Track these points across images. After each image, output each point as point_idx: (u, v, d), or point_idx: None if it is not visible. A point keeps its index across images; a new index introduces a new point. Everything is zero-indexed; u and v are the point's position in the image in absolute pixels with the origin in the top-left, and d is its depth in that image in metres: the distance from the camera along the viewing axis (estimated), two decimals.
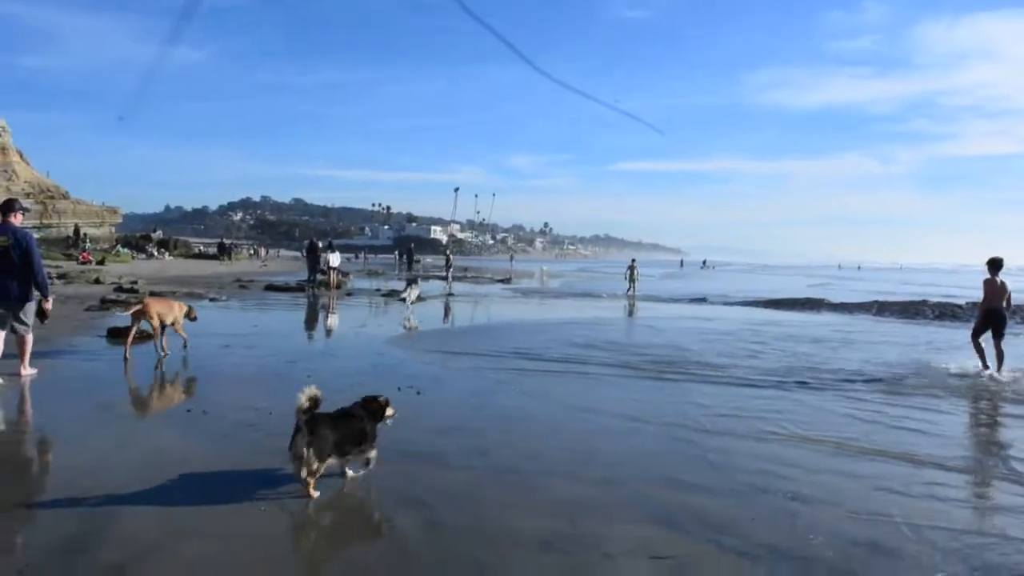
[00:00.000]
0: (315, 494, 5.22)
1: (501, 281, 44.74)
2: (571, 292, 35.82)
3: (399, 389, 9.16)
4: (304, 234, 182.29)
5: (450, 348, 13.47)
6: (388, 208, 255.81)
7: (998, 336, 12.32)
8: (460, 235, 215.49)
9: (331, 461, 5.35)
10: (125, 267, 42.21)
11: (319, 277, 31.00)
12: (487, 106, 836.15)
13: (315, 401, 5.19)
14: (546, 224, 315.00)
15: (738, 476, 6.13)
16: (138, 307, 11.44)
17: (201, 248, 79.34)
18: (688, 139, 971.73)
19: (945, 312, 24.64)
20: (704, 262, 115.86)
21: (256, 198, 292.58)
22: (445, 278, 36.08)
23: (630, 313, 24.95)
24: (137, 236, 71.90)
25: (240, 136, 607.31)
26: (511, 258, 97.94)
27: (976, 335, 12.58)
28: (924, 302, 27.17)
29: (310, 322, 18.51)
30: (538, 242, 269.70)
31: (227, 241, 77.84)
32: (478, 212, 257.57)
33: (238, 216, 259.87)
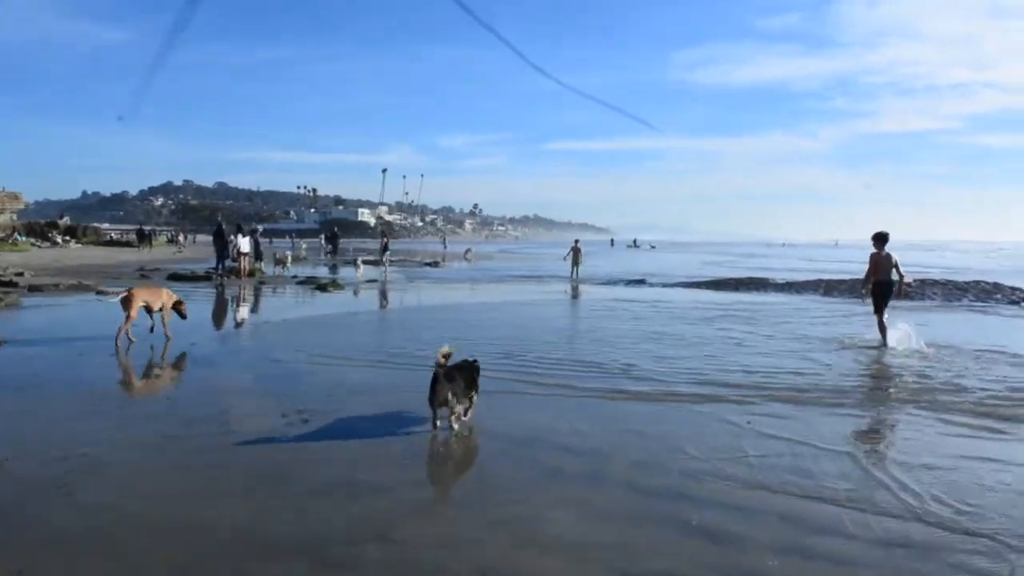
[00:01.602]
0: (456, 426, 6.62)
1: (430, 264, 42.52)
2: (508, 276, 33.78)
3: (283, 416, 7.00)
4: (229, 219, 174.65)
5: (365, 351, 11.20)
6: (314, 191, 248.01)
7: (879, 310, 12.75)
8: (389, 217, 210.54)
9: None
10: (18, 256, 38.40)
11: (229, 263, 28.38)
12: (419, 87, 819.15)
13: (448, 356, 6.61)
14: (476, 205, 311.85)
15: (752, 562, 4.21)
16: (125, 294, 11.65)
17: (113, 235, 75.01)
18: (618, 117, 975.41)
19: None
20: (635, 241, 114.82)
21: (178, 182, 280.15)
22: (380, 262, 33.69)
23: (574, 297, 23.12)
24: (42, 223, 66.96)
25: (161, 118, 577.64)
26: (443, 240, 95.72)
27: (879, 311, 12.76)
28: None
29: (205, 319, 16.02)
30: (468, 224, 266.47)
31: (146, 228, 73.28)
32: (407, 193, 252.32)
33: (159, 201, 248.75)
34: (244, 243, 28.17)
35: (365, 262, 34.35)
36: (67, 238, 60.25)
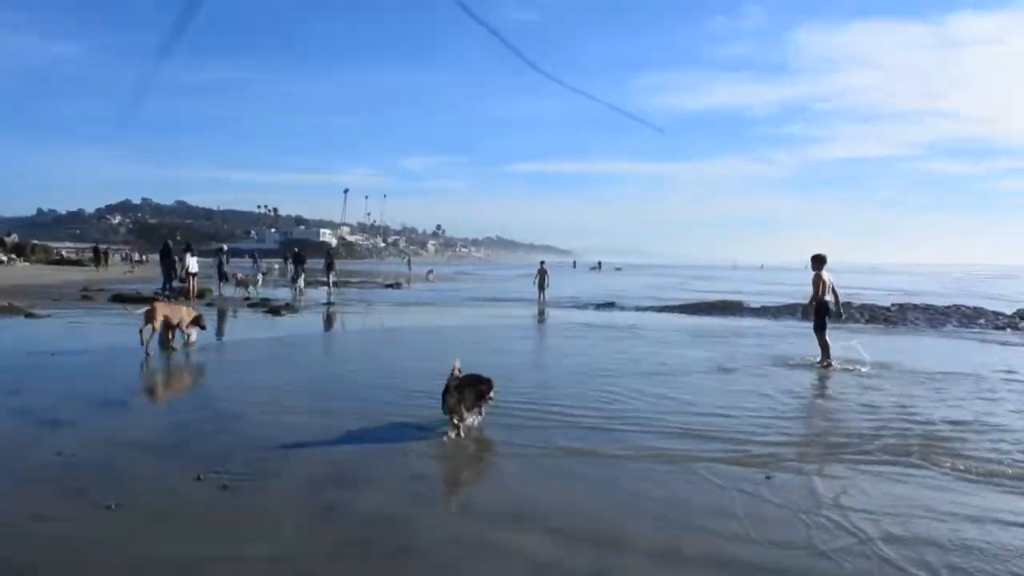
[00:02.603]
0: (461, 434, 7.08)
1: (391, 286, 40.97)
2: (473, 298, 32.38)
3: (197, 479, 5.58)
4: (187, 238, 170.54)
5: (312, 392, 9.69)
6: (275, 210, 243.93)
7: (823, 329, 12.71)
8: (351, 238, 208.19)
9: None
10: None
11: (177, 284, 26.78)
12: (380, 107, 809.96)
13: (457, 372, 7.45)
14: (439, 226, 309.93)
15: None
16: (147, 308, 12.83)
17: (63, 253, 72.24)
18: (578, 141, 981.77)
19: (876, 316, 22.70)
20: (599, 263, 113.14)
21: (136, 201, 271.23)
22: (326, 283, 32.21)
23: (543, 322, 21.78)
24: None
25: (120, 136, 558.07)
26: (408, 262, 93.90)
27: (822, 331, 12.69)
28: (848, 304, 25.27)
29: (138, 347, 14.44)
30: (431, 244, 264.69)
31: (102, 246, 70.55)
32: (368, 214, 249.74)
33: (116, 220, 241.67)
34: (192, 262, 26.53)
35: (309, 282, 33.27)
36: (13, 256, 57.65)
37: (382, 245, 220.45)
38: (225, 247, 35.62)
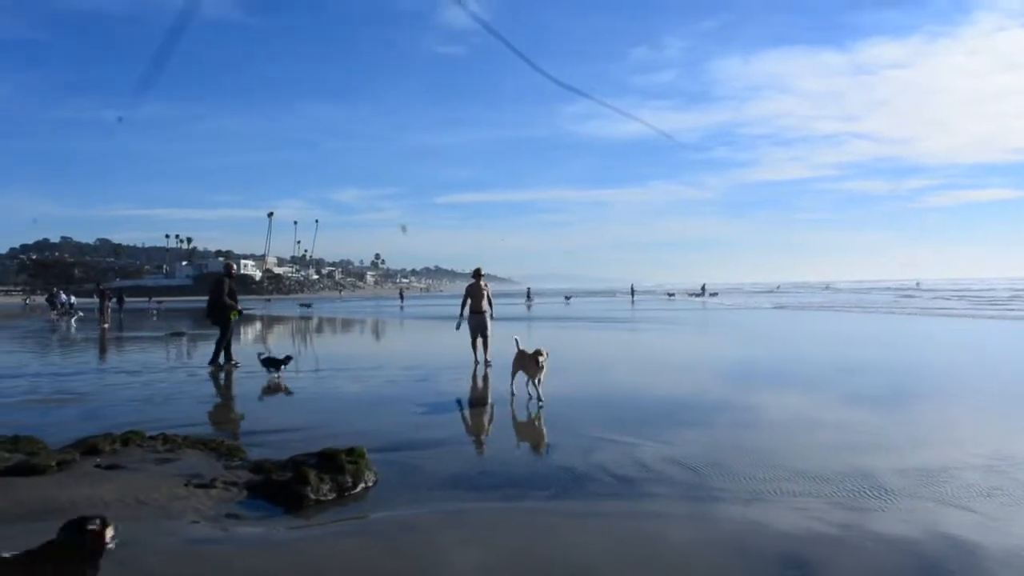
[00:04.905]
0: None
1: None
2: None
3: None
4: (87, 276, 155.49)
5: None
6: (188, 240, 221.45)
7: None
8: (278, 270, 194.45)
9: None
10: None
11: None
12: (307, 141, 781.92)
13: None
14: (378, 256, 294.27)
15: None
16: None
17: None
18: (510, 170, 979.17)
19: None
20: (702, 288, 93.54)
21: (55, 239, 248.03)
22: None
23: None
24: None
25: (37, 177, 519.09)
26: (400, 293, 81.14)
27: None
28: None
29: None
30: (369, 276, 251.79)
31: None
32: (299, 242, 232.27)
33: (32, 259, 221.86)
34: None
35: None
36: None
37: (315, 277, 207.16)
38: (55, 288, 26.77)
